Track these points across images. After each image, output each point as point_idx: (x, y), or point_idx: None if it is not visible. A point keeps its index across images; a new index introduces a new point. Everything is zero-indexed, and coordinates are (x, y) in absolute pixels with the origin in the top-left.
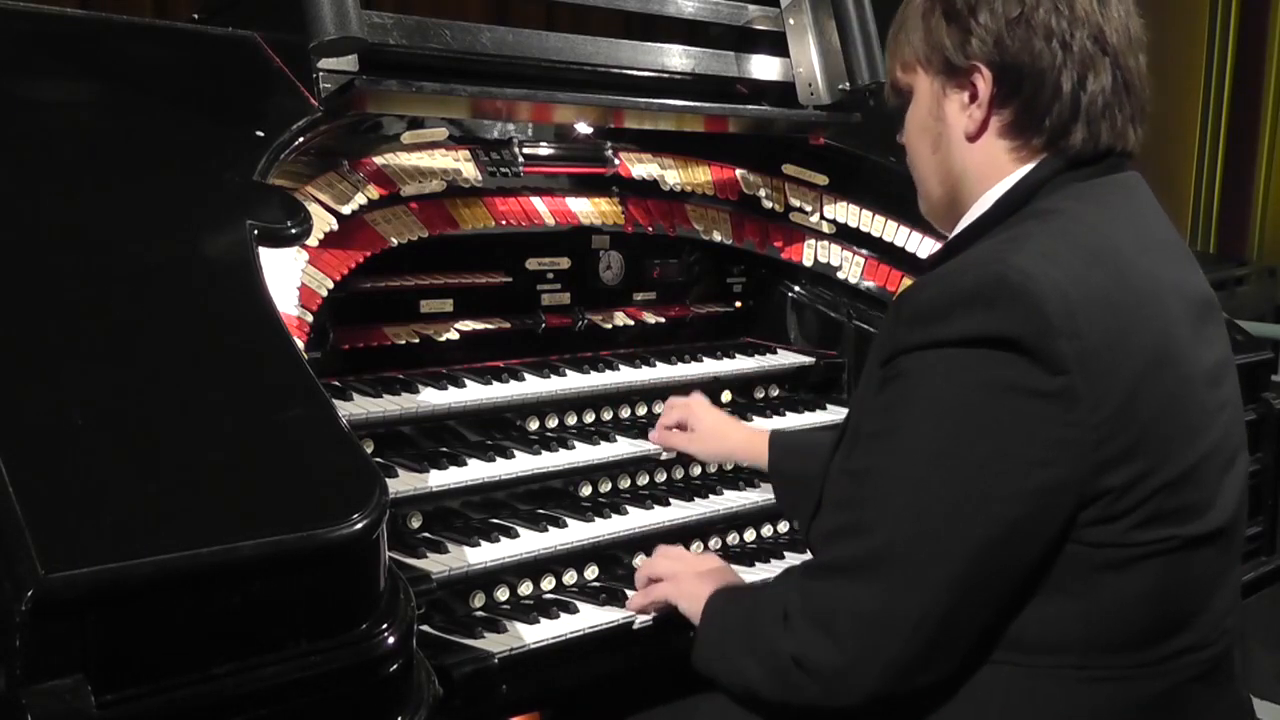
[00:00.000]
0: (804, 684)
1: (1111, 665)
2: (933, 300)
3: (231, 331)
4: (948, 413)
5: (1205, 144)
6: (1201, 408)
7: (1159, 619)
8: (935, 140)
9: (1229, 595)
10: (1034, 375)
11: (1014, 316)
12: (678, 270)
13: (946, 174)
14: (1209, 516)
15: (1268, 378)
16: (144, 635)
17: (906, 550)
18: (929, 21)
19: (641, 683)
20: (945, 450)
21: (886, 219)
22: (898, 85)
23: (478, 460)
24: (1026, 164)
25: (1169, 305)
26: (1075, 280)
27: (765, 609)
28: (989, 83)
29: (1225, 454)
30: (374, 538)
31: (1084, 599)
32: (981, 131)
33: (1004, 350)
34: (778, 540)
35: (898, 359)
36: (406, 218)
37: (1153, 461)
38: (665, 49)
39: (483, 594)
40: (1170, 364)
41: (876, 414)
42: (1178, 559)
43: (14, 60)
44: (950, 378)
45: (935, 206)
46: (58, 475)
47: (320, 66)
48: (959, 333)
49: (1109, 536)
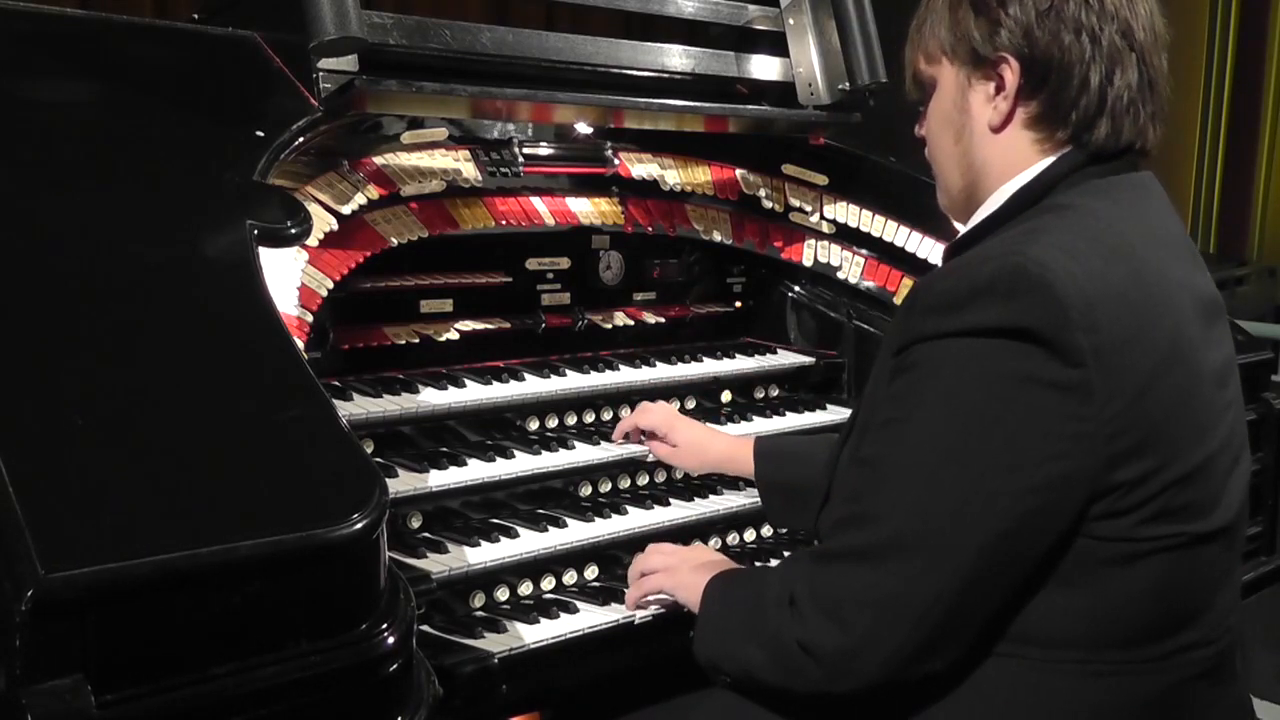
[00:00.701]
0: (808, 668)
1: (1115, 660)
2: (950, 290)
3: (231, 331)
4: (962, 403)
5: (1205, 144)
6: (1209, 406)
7: (1164, 615)
8: (958, 132)
9: (1231, 593)
10: (1051, 367)
11: (1032, 308)
12: (678, 270)
13: (968, 166)
14: (1215, 515)
15: (1268, 378)
16: (144, 635)
17: (916, 539)
18: (956, 13)
19: (641, 682)
20: (958, 440)
21: (886, 219)
22: (920, 78)
23: (478, 460)
24: (1047, 158)
25: (1180, 304)
26: (1092, 275)
27: (770, 593)
28: (1016, 74)
29: (1231, 453)
30: (374, 538)
31: (1090, 593)
32: (1006, 123)
33: (1021, 341)
34: (778, 540)
35: (912, 348)
36: (406, 218)
37: (1162, 458)
38: (665, 49)
39: (483, 594)
40: (1181, 362)
41: (889, 403)
42: (1183, 556)
43: (14, 60)
44: (965, 368)
45: (954, 199)
46: (58, 475)
47: (320, 66)
48: (976, 323)
49: (1117, 531)
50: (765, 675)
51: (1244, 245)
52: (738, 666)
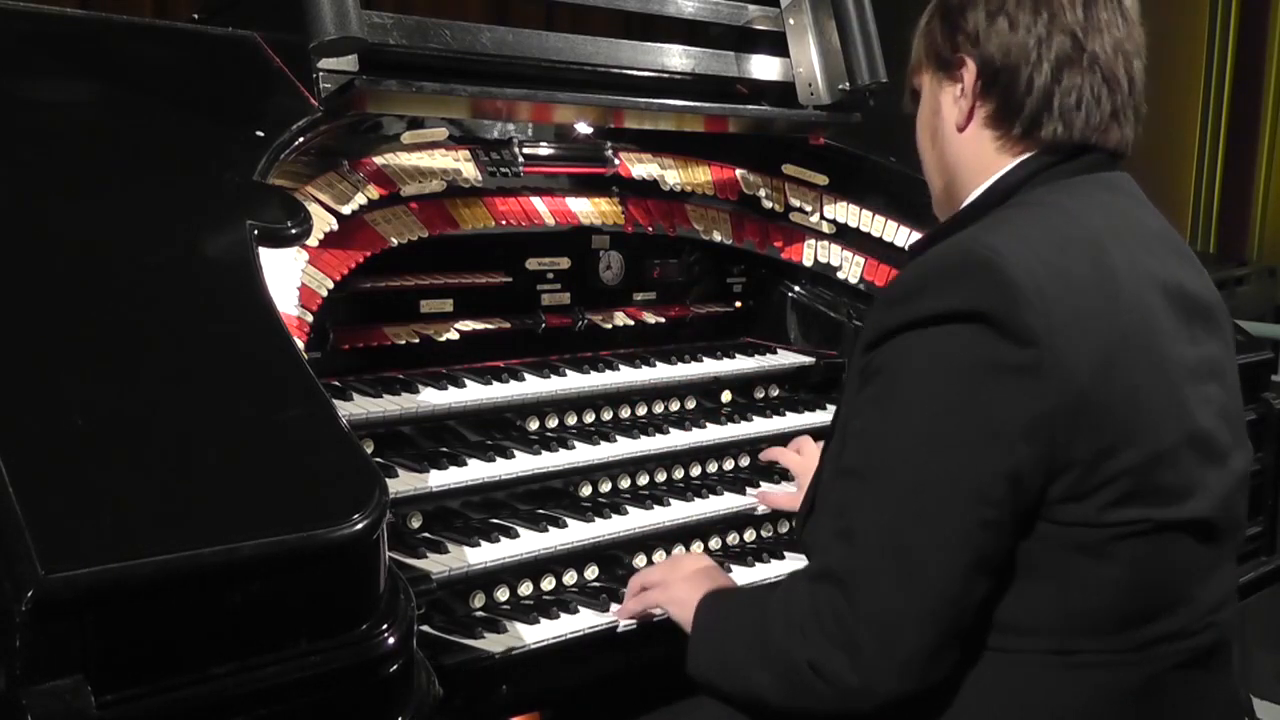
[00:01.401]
0: (819, 689)
1: (1089, 649)
2: (905, 281)
3: (231, 331)
4: (927, 401)
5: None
6: (1176, 396)
7: (1135, 604)
8: (934, 134)
9: (1216, 589)
10: (1003, 348)
11: (982, 289)
12: (678, 270)
13: (944, 167)
14: (1187, 504)
15: (1268, 378)
16: (144, 635)
17: (905, 547)
18: (931, 25)
19: (642, 683)
20: (929, 440)
21: (886, 219)
22: (912, 89)
23: (478, 460)
24: (1013, 159)
25: (1146, 294)
26: (1045, 260)
27: (775, 615)
28: (973, 74)
29: (1211, 449)
30: (374, 538)
31: (1059, 581)
32: (968, 121)
33: (973, 324)
34: (778, 540)
35: (878, 348)
36: (406, 218)
37: (1117, 439)
38: (665, 49)
39: (483, 594)
40: (1143, 349)
41: (861, 411)
42: (1152, 543)
43: (14, 60)
44: (929, 367)
45: (938, 200)
46: (58, 475)
47: (320, 66)
48: (931, 309)
49: (1079, 515)
50: (772, 696)
51: (1244, 245)
52: (741, 689)
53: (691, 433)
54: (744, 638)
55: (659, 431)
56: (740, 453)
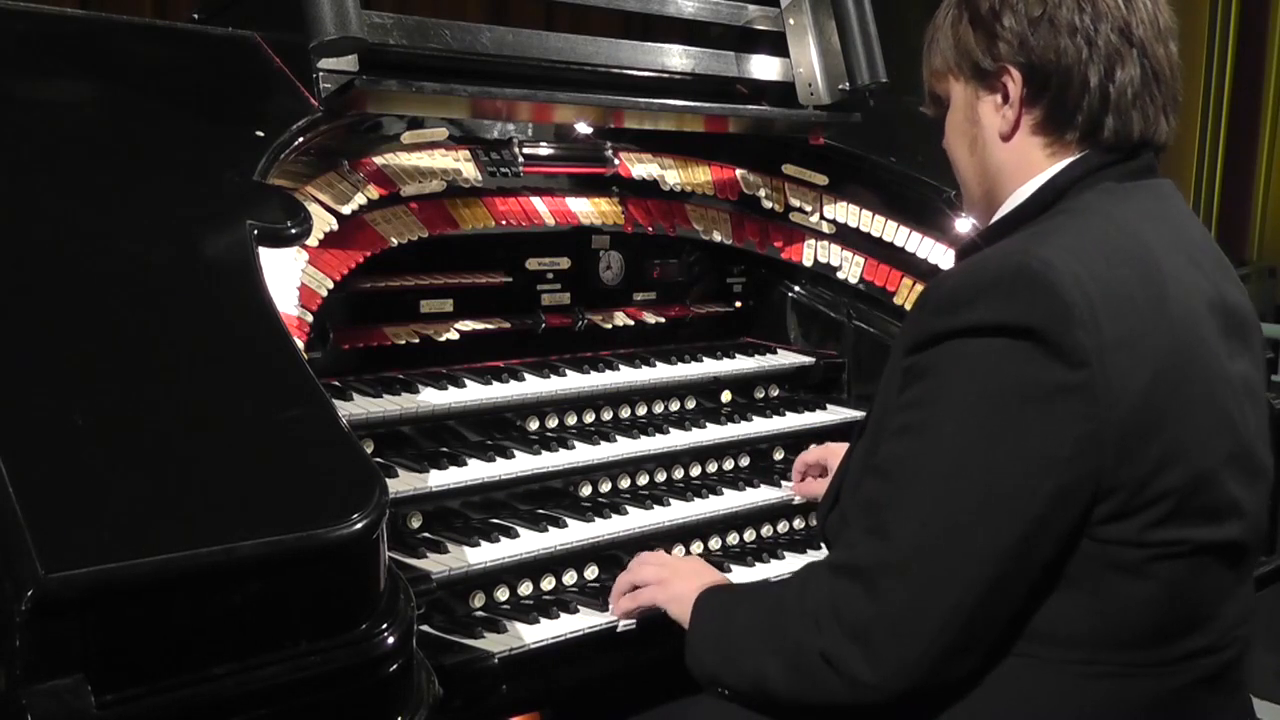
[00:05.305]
0: (830, 681)
1: (1119, 661)
2: (955, 289)
3: (231, 331)
4: (972, 412)
5: (1205, 144)
6: (1223, 415)
7: (1169, 620)
8: (972, 142)
9: (1242, 605)
10: (1055, 369)
11: (1035, 305)
12: (678, 270)
13: (984, 174)
14: (1226, 525)
15: (1268, 378)
16: (144, 635)
17: (934, 552)
18: (957, 30)
19: (642, 682)
20: (971, 451)
21: (886, 219)
22: (934, 94)
23: (478, 460)
24: (1061, 161)
25: (1196, 309)
26: (1096, 276)
27: (789, 604)
28: (1019, 83)
29: (1248, 469)
30: (374, 538)
31: (1095, 595)
32: (1015, 130)
33: (1024, 341)
34: (778, 540)
35: (923, 351)
36: (406, 218)
37: (1166, 460)
38: (665, 49)
39: (483, 594)
40: (1192, 366)
41: (902, 411)
42: (1189, 564)
43: (14, 60)
44: (973, 376)
45: (977, 205)
46: (58, 475)
47: (320, 66)
48: (980, 320)
49: (1121, 534)
50: (779, 686)
51: (1244, 245)
52: (745, 678)
53: (691, 433)
54: (752, 627)
55: (659, 431)
56: (740, 453)
